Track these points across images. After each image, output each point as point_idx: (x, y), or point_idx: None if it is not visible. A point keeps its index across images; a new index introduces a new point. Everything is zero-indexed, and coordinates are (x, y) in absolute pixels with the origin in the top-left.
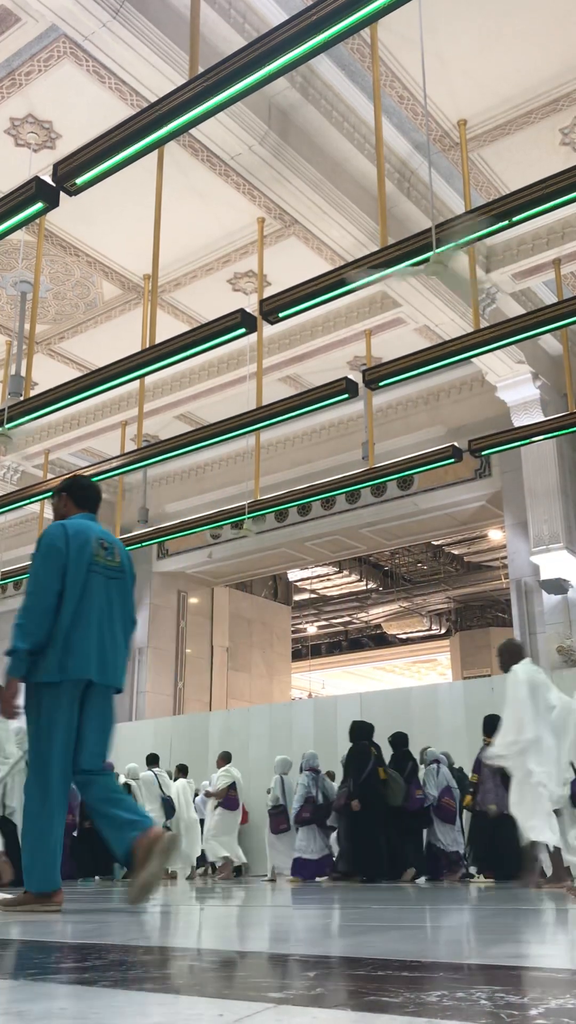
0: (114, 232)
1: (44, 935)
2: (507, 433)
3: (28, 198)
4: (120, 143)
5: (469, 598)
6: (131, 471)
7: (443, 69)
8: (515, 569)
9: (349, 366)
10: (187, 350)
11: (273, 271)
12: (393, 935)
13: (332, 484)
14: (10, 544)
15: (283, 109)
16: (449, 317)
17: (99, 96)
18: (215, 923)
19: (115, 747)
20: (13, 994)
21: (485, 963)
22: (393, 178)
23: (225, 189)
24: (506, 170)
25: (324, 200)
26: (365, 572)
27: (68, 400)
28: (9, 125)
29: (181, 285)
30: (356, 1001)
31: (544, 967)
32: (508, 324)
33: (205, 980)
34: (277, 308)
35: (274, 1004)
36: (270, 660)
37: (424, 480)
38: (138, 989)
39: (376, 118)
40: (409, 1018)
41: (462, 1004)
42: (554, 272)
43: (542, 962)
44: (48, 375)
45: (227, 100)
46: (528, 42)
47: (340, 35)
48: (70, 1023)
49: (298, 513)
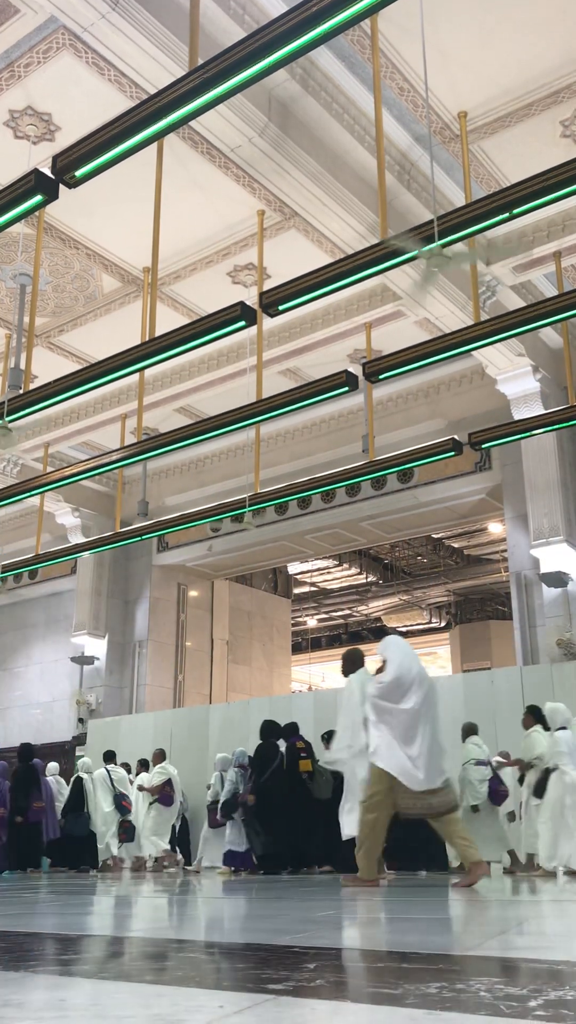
0: (114, 225)
1: (29, 927)
2: (507, 426)
3: (27, 190)
4: (119, 135)
5: (469, 591)
6: (131, 464)
7: (443, 61)
8: (515, 562)
9: (349, 359)
10: (187, 343)
11: (273, 264)
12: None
13: (332, 477)
14: (10, 537)
15: (283, 101)
16: (449, 310)
17: (98, 88)
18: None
19: (116, 740)
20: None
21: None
22: (393, 170)
23: (225, 181)
24: (506, 162)
25: (324, 192)
26: (365, 565)
27: (68, 393)
28: (8, 117)
29: (181, 278)
30: (354, 993)
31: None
32: (508, 317)
33: (205, 972)
34: (277, 301)
35: (274, 996)
36: (270, 653)
37: (424, 473)
38: (136, 981)
39: (376, 110)
40: (409, 1010)
41: (461, 996)
42: (554, 265)
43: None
44: (48, 368)
45: (227, 92)
46: (529, 34)
47: (340, 26)
48: (75, 1014)
49: (298, 506)
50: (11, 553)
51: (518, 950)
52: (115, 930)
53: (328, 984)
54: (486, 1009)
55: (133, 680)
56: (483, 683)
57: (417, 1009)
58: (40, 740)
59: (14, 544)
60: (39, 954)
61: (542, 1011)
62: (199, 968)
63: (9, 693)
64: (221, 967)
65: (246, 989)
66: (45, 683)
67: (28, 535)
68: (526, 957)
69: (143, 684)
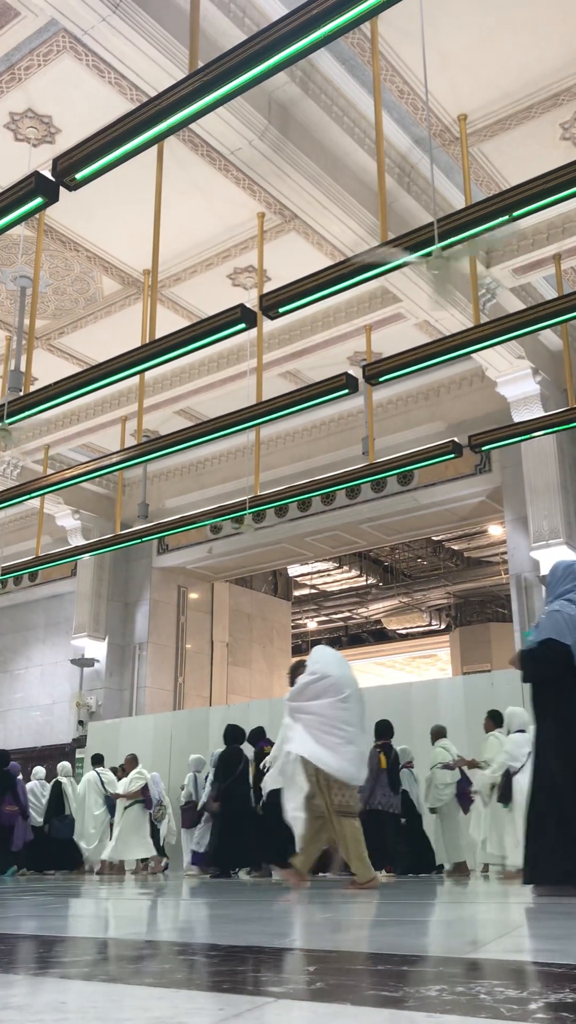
0: (114, 227)
1: (27, 929)
2: (507, 428)
3: (28, 193)
4: (120, 138)
5: (469, 593)
6: (131, 466)
7: (443, 63)
8: (515, 564)
9: (349, 361)
10: (187, 345)
11: (273, 266)
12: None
13: (332, 479)
14: (10, 539)
15: (283, 104)
16: (449, 312)
17: (99, 91)
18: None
19: (116, 743)
20: (9, 988)
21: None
22: (393, 173)
23: (225, 184)
24: (506, 165)
25: (324, 195)
26: (365, 567)
27: (68, 395)
28: (9, 120)
29: (181, 280)
30: (356, 995)
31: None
32: (508, 319)
33: (204, 975)
34: (277, 303)
35: (274, 999)
36: (270, 655)
37: (424, 475)
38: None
39: (376, 113)
40: (409, 1012)
41: (462, 998)
42: (555, 267)
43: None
44: (48, 370)
45: (227, 95)
46: (528, 36)
47: (340, 29)
48: (75, 1016)
49: (298, 508)
50: (11, 555)
51: (518, 953)
52: (113, 933)
53: (328, 987)
54: (486, 1012)
55: (133, 682)
56: (483, 685)
57: (418, 1012)
58: (40, 742)
59: (14, 546)
60: (39, 956)
61: (542, 1014)
62: (199, 971)
63: (9, 695)
64: (221, 969)
65: (247, 992)
66: (45, 685)
67: (28, 537)
68: (527, 960)
69: (143, 686)
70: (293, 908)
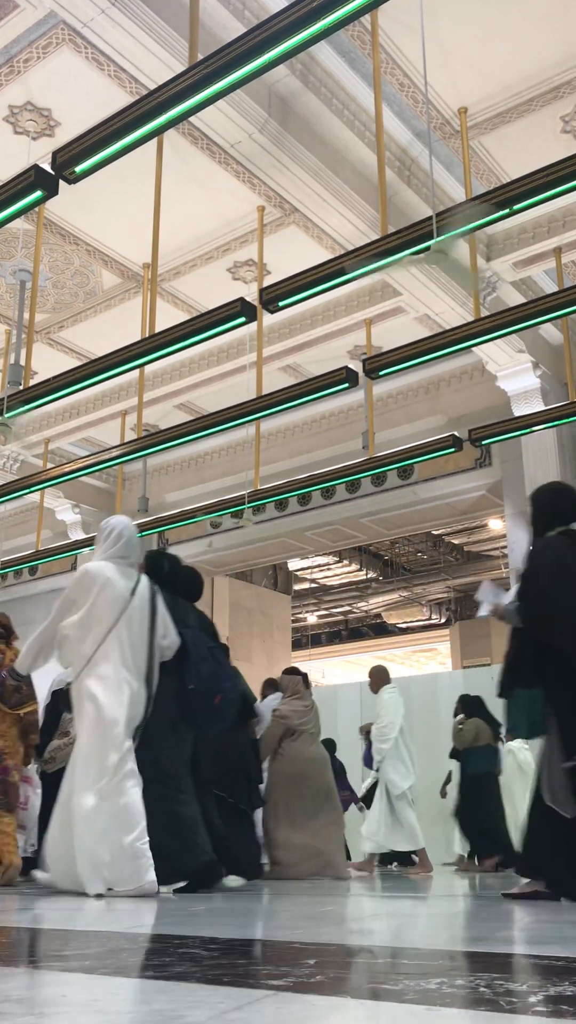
0: (113, 221)
1: (26, 922)
2: (507, 422)
3: (27, 186)
4: (119, 131)
5: (469, 587)
6: (131, 460)
7: (444, 56)
8: (515, 559)
9: (349, 355)
10: (187, 339)
11: (273, 260)
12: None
13: (332, 474)
14: (10, 533)
15: (283, 97)
16: (449, 306)
17: (98, 83)
18: None
19: None
20: (13, 981)
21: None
22: (393, 166)
23: (225, 177)
24: (507, 158)
25: (324, 188)
26: (365, 562)
27: (68, 389)
28: (8, 113)
29: (181, 274)
30: (356, 989)
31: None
32: (508, 313)
33: (205, 967)
34: (277, 297)
35: (275, 992)
36: (270, 649)
37: (424, 470)
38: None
39: (376, 106)
40: (409, 1005)
41: (461, 991)
42: (555, 261)
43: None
44: (47, 364)
45: (227, 87)
46: (529, 29)
47: (341, 22)
48: (76, 1010)
49: (298, 503)
50: (11, 549)
51: (518, 946)
52: (113, 926)
53: (328, 980)
54: (486, 1005)
55: None
56: (483, 679)
57: (417, 1005)
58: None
59: (14, 540)
60: (39, 949)
61: (542, 1007)
62: (199, 964)
63: None
64: (221, 963)
65: (247, 985)
66: (45, 681)
67: (28, 531)
68: (526, 953)
69: None
70: (293, 902)
